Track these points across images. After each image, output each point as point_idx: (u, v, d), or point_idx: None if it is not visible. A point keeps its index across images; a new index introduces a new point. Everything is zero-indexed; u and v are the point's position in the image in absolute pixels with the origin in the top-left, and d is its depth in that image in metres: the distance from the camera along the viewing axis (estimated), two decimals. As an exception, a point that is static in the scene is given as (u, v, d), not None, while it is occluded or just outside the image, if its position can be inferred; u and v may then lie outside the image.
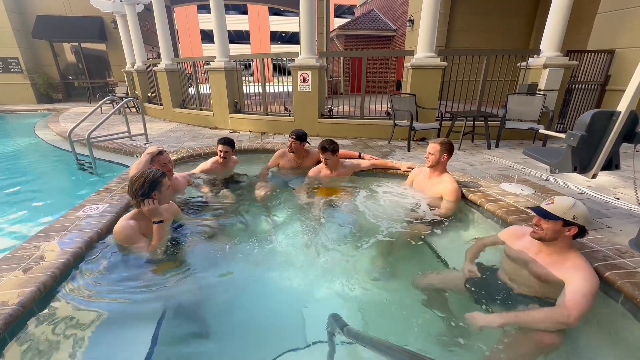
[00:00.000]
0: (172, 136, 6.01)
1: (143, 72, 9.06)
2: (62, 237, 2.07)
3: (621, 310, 1.61)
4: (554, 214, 1.58)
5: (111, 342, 1.56)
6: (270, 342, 1.61)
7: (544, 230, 1.62)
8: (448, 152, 2.71)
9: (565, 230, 1.58)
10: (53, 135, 6.46)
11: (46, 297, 1.65)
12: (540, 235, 1.64)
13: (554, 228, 1.59)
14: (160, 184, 2.02)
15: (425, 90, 5.33)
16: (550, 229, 1.60)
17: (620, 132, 2.19)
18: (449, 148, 2.71)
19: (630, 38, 5.21)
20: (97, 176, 4.13)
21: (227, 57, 6.38)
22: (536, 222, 1.65)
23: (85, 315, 1.63)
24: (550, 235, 1.61)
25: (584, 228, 1.58)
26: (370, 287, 1.91)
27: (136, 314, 1.71)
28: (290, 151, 3.48)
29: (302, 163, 3.61)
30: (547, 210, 1.60)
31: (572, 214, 1.55)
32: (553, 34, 5.00)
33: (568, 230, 1.58)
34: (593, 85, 5.62)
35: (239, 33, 29.94)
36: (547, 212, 1.60)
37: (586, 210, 1.58)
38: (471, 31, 10.05)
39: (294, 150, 3.47)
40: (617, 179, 3.48)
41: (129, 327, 1.66)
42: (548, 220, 1.59)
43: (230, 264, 2.12)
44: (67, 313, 1.62)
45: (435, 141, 2.73)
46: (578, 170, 2.42)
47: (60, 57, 13.61)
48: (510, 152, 4.75)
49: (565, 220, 1.56)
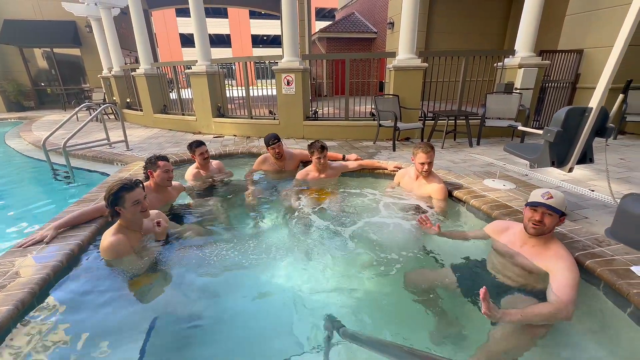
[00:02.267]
0: (154, 142, 5.85)
1: (121, 78, 8.79)
2: (40, 252, 1.97)
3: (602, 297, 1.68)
4: (559, 208, 1.63)
5: (97, 358, 1.49)
6: (265, 348, 1.59)
7: (547, 225, 1.64)
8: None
9: (559, 221, 1.67)
10: (25, 144, 6.15)
11: (24, 315, 1.56)
12: (542, 230, 1.66)
13: (554, 221, 1.65)
14: (122, 199, 1.86)
15: (407, 90, 5.43)
16: (553, 223, 1.65)
17: (592, 127, 2.31)
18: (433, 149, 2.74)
19: (597, 38, 5.51)
20: (75, 186, 3.96)
21: (209, 60, 6.29)
22: (540, 218, 1.64)
23: (68, 332, 1.55)
24: (551, 229, 1.66)
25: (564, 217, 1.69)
26: (362, 286, 1.92)
27: (123, 328, 1.65)
28: (278, 157, 3.46)
29: (284, 166, 3.59)
30: (553, 206, 1.62)
31: (565, 205, 1.65)
32: (526, 35, 5.22)
33: (560, 221, 1.67)
34: (565, 84, 5.90)
35: (219, 37, 29.61)
36: (554, 207, 1.62)
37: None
38: (449, 33, 10.35)
39: (281, 155, 3.46)
40: (591, 172, 3.65)
41: (116, 341, 1.59)
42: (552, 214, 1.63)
43: (221, 270, 2.08)
44: (48, 331, 1.53)
45: (425, 150, 2.65)
46: (556, 164, 2.53)
47: (31, 63, 13.01)
48: (491, 149, 4.90)
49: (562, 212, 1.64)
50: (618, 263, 1.73)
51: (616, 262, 1.73)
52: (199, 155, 3.20)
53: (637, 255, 1.80)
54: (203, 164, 3.28)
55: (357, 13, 15.67)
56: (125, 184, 1.90)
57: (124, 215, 1.92)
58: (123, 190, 1.88)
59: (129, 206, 1.89)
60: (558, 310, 1.45)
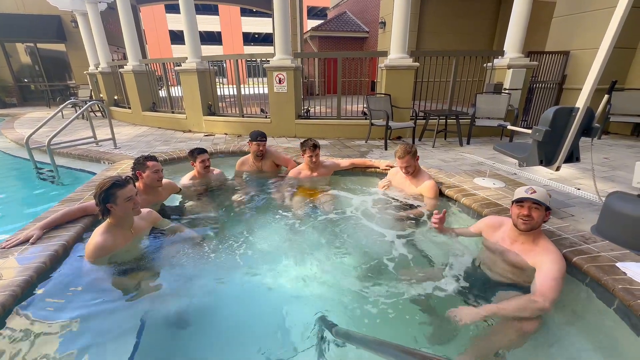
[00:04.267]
0: (143, 140, 5.73)
1: (108, 74, 8.59)
2: (23, 252, 1.90)
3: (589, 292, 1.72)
4: (544, 202, 1.69)
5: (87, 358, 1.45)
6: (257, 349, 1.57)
7: (535, 219, 1.69)
8: (415, 154, 2.74)
9: (545, 215, 1.72)
10: (7, 142, 5.95)
11: (5, 318, 1.50)
12: (531, 225, 1.70)
13: (541, 215, 1.70)
14: (114, 196, 1.82)
15: (399, 90, 5.46)
16: (540, 217, 1.70)
17: (579, 126, 2.35)
18: (414, 151, 2.73)
19: (582, 40, 5.65)
20: (59, 185, 3.84)
21: (199, 58, 6.19)
22: (528, 213, 1.69)
23: (55, 334, 1.50)
24: (540, 223, 1.72)
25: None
26: (354, 285, 1.91)
27: (114, 328, 1.61)
28: (259, 155, 3.38)
29: (262, 167, 3.50)
30: (538, 199, 1.69)
31: (548, 199, 1.70)
32: (515, 36, 5.31)
33: (546, 215, 1.71)
34: (552, 85, 6.03)
35: (210, 34, 29.21)
36: (539, 200, 1.69)
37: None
38: (440, 33, 10.44)
39: (262, 154, 3.40)
40: (577, 171, 3.74)
41: (107, 342, 1.55)
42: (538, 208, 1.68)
43: (212, 270, 2.05)
44: (32, 333, 1.48)
45: (402, 154, 2.67)
46: (544, 163, 2.57)
47: (13, 58, 12.59)
48: (481, 148, 4.97)
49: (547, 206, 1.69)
50: (603, 259, 1.77)
51: (602, 259, 1.78)
52: (200, 163, 2.99)
53: (621, 251, 1.85)
54: (202, 173, 3.07)
55: (349, 12, 15.69)
56: (117, 181, 1.86)
57: (115, 213, 1.88)
58: (115, 187, 1.83)
59: (121, 203, 1.85)
60: (533, 301, 1.50)
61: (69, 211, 2.27)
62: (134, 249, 2.04)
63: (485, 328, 1.52)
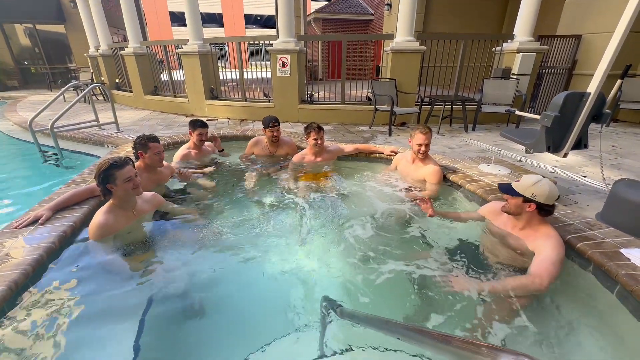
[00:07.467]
0: (146, 124, 5.71)
1: (109, 57, 8.46)
2: (31, 233, 1.93)
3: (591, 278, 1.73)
4: (516, 190, 1.72)
5: (93, 338, 1.49)
6: (262, 328, 1.61)
7: (510, 206, 1.78)
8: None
9: (526, 206, 1.71)
10: (10, 125, 5.95)
11: (18, 296, 1.54)
12: (507, 209, 1.80)
13: (516, 203, 1.74)
14: (112, 177, 1.84)
15: (405, 74, 5.35)
16: (513, 204, 1.76)
17: (589, 112, 2.31)
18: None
19: (596, 24, 5.46)
20: (64, 168, 3.86)
21: (201, 40, 6.07)
22: (505, 197, 1.81)
23: (63, 313, 1.54)
24: (514, 210, 1.77)
25: (544, 206, 1.68)
26: (358, 267, 1.94)
27: (119, 308, 1.65)
28: (274, 140, 3.40)
29: (276, 151, 3.53)
30: (509, 187, 1.75)
31: (531, 191, 1.68)
32: (526, 19, 5.13)
33: (528, 207, 1.71)
34: (561, 70, 5.88)
35: (211, 16, 28.48)
36: (509, 188, 1.75)
37: (549, 189, 1.66)
38: (447, 15, 10.12)
39: (278, 138, 3.40)
40: (583, 158, 3.70)
41: (112, 321, 1.59)
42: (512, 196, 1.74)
43: (217, 252, 2.08)
44: (42, 312, 1.52)
45: (423, 131, 2.65)
46: (551, 149, 2.54)
47: (13, 40, 12.42)
48: (487, 135, 4.91)
49: (524, 197, 1.69)
50: (608, 245, 1.77)
51: (606, 245, 1.78)
52: (197, 135, 3.17)
53: (626, 238, 1.85)
54: (197, 145, 3.25)
55: (354, -7, 15.19)
56: (115, 161, 1.87)
57: (116, 193, 1.90)
58: (113, 168, 1.84)
59: (121, 183, 1.87)
60: (531, 281, 1.54)
61: (77, 192, 2.29)
62: (137, 230, 2.06)
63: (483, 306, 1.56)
